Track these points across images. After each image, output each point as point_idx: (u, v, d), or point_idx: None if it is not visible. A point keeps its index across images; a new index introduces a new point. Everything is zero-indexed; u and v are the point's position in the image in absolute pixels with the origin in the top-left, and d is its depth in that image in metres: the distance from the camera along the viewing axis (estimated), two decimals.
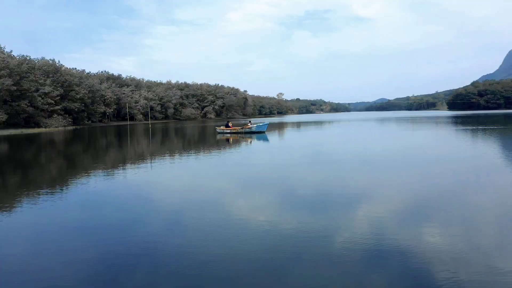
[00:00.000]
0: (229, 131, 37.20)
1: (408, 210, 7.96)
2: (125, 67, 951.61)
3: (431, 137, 28.96)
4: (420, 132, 34.95)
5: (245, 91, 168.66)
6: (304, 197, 9.36)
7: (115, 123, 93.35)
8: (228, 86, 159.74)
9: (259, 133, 35.85)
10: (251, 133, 36.32)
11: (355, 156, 17.87)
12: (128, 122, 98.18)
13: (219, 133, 37.72)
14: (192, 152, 21.82)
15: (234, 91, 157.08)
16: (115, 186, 11.70)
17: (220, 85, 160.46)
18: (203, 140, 33.14)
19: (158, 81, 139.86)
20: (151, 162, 17.29)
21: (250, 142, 27.58)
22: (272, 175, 12.93)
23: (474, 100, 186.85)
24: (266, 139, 29.60)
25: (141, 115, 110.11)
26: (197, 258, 5.64)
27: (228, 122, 39.90)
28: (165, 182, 12.27)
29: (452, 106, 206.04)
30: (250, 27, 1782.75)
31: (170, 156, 20.22)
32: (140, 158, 19.83)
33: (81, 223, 7.74)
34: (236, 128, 38.33)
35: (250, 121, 44.23)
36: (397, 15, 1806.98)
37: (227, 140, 29.89)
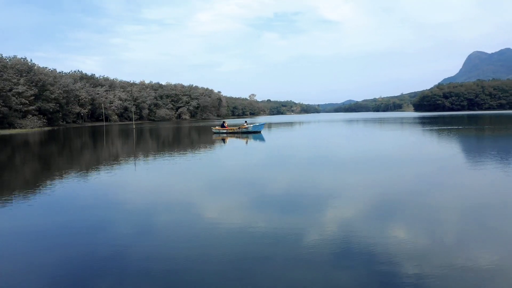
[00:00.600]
0: (225, 131, 37.64)
1: (374, 209, 8.13)
2: (91, 66, 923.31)
3: (401, 138, 29.93)
4: (391, 133, 36.07)
5: (219, 92, 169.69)
6: (274, 198, 9.41)
7: (90, 124, 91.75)
8: (202, 87, 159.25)
9: (255, 133, 36.49)
10: (248, 133, 36.89)
11: (325, 157, 18.23)
12: (104, 123, 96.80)
13: (215, 133, 37.98)
14: (171, 152, 21.60)
15: (208, 92, 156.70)
16: (85, 188, 11.39)
17: (194, 85, 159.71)
18: (188, 140, 33.00)
19: (132, 81, 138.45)
20: (127, 164, 17.02)
21: (247, 142, 28.11)
22: (244, 176, 13.00)
23: (439, 102, 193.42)
24: (262, 139, 30.08)
25: (116, 116, 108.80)
26: (166, 260, 5.58)
27: (223, 122, 40.29)
28: (137, 184, 12.08)
29: (418, 107, 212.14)
30: (220, 28, 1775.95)
31: (147, 157, 19.92)
32: (119, 159, 19.44)
33: (45, 226, 7.50)
34: (233, 128, 38.94)
35: (246, 121, 44.79)
36: (364, 19, 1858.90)
37: (223, 140, 30.28)
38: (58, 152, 25.00)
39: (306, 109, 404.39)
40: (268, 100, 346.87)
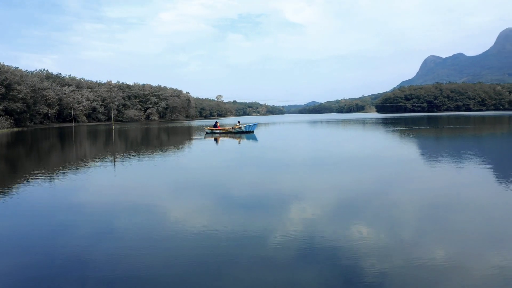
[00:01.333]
0: (218, 131, 38.47)
1: (337, 209, 8.28)
2: (47, 65, 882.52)
3: (365, 138, 31.01)
4: (356, 134, 37.49)
5: (187, 92, 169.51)
6: (239, 199, 9.38)
7: (58, 125, 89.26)
8: (171, 88, 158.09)
9: (248, 133, 37.36)
10: (241, 132, 37.80)
11: (290, 158, 18.51)
12: (73, 124, 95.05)
13: (207, 133, 38.66)
14: (142, 153, 21.13)
15: (177, 93, 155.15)
16: (48, 191, 10.94)
17: (163, 86, 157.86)
18: (163, 141, 32.59)
19: (98, 81, 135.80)
20: (99, 165, 16.53)
21: (240, 141, 28.75)
22: (210, 178, 12.93)
23: (401, 103, 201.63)
24: (255, 139, 30.87)
25: (84, 117, 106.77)
26: (128, 264, 5.44)
27: (216, 122, 40.94)
28: (100, 187, 11.73)
29: (381, 109, 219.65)
30: (183, 28, 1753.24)
31: (114, 159, 19.43)
32: (92, 161, 18.78)
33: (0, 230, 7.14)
34: (226, 128, 40.06)
35: (238, 121, 45.90)
36: (327, 23, 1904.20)
37: (215, 139, 30.94)
38: (44, 155, 23.65)
39: (272, 110, 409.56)
40: (234, 101, 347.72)
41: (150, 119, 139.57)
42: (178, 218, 7.93)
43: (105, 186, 11.78)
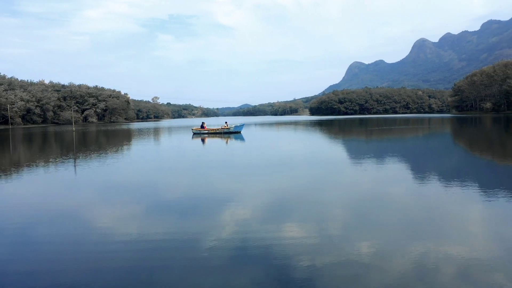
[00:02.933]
0: (206, 131, 39.70)
1: (270, 209, 8.33)
2: None
3: (304, 141, 32.05)
4: (294, 135, 38.89)
5: (126, 94, 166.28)
6: (171, 203, 9.15)
7: None
8: (109, 88, 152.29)
9: (236, 133, 38.98)
10: (229, 133, 39.41)
11: (225, 161, 18.58)
12: (10, 126, 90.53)
13: (195, 133, 39.77)
14: (74, 158, 20.00)
15: (116, 94, 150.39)
16: None
17: (100, 87, 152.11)
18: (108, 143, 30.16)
19: (29, 81, 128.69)
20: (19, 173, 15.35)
21: (227, 141, 29.56)
22: (141, 182, 12.52)
23: (335, 106, 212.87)
24: (242, 139, 31.88)
25: (20, 119, 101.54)
26: (51, 275, 5.08)
27: (202, 123, 41.91)
28: (19, 195, 10.85)
29: (315, 111, 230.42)
30: (110, 26, 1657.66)
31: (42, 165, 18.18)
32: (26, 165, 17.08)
33: None
34: (214, 128, 41.36)
35: (226, 122, 46.65)
36: (257, 26, 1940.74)
37: (202, 140, 31.73)
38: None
39: (207, 113, 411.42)
40: (168, 104, 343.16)
41: (88, 121, 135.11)
42: (106, 224, 7.49)
43: (24, 192, 10.98)
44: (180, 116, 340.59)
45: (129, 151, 24.27)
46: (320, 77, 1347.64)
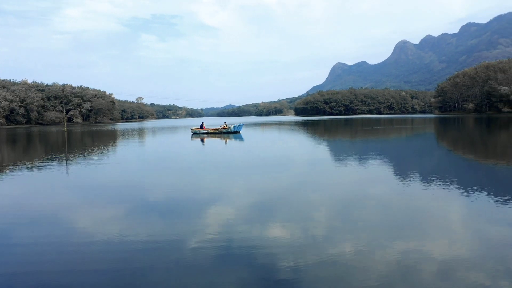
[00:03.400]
0: (205, 131, 40.14)
1: (254, 209, 8.32)
2: None
3: (290, 142, 32.30)
4: (281, 136, 39.18)
5: (111, 94, 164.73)
6: (154, 204, 9.05)
7: None
8: (94, 89, 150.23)
9: (235, 133, 39.42)
10: (229, 133, 39.80)
11: (209, 161, 18.49)
12: None
13: (194, 133, 40.13)
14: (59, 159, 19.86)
15: (101, 94, 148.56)
16: None
17: (85, 87, 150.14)
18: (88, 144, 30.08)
19: (12, 80, 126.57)
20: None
21: (226, 141, 29.77)
22: (130, 182, 12.42)
23: (321, 107, 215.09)
24: (241, 139, 32.20)
25: (4, 119, 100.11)
26: (33, 276, 5.01)
27: (202, 123, 42.51)
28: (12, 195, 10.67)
29: (300, 111, 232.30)
30: (92, 26, 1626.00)
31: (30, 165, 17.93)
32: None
33: None
34: (213, 128, 41.77)
35: (225, 122, 47.35)
36: (242, 27, 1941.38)
37: (201, 140, 32.06)
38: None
39: (191, 113, 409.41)
40: (152, 104, 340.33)
41: (73, 121, 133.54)
42: (87, 227, 7.34)
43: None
44: (164, 116, 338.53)
45: (129, 151, 24.22)
46: (304, 78, 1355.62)
